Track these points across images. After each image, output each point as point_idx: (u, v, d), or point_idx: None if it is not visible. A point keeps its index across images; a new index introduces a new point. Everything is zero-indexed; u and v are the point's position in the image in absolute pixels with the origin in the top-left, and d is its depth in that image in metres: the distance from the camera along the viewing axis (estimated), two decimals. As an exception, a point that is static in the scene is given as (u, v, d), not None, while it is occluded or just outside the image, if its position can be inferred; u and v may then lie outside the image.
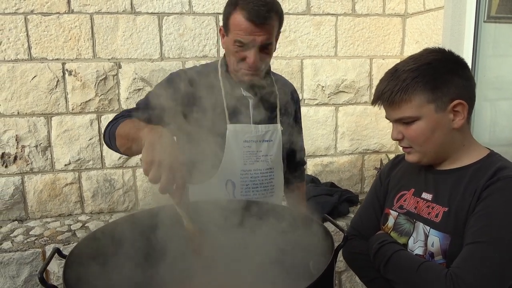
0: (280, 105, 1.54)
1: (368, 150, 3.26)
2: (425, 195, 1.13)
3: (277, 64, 2.94)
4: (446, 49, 1.10)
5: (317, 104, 3.10)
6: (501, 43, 2.67)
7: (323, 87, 3.08)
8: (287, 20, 2.93)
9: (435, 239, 1.05)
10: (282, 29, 1.46)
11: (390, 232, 1.19)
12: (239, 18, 1.30)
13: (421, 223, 1.10)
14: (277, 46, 1.39)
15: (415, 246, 1.11)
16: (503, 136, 2.74)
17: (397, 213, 1.19)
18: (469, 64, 2.63)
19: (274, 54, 1.46)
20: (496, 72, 2.66)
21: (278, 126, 1.52)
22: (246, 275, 1.15)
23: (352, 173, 3.27)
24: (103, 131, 1.35)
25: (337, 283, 2.64)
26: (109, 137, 1.26)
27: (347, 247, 1.27)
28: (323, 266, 0.87)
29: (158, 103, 1.35)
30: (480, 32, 2.61)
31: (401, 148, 1.15)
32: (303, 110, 3.03)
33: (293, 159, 1.68)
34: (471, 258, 0.94)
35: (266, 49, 1.36)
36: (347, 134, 3.19)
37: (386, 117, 1.13)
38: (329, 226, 1.15)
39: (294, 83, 1.76)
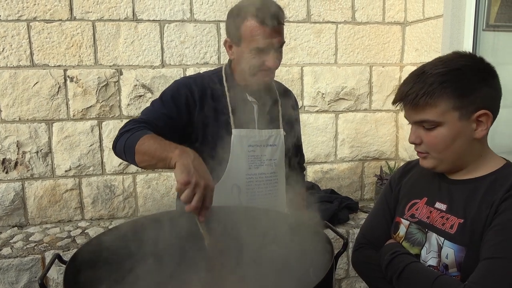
0: (282, 110, 1.56)
1: (368, 157, 3.27)
2: (439, 205, 1.09)
3: (277, 71, 2.92)
4: (478, 55, 1.06)
5: (317, 111, 3.11)
6: (500, 51, 2.68)
7: (323, 94, 3.09)
8: (287, 28, 2.95)
9: (450, 251, 1.02)
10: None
11: (402, 241, 1.15)
12: (252, 25, 1.33)
13: (434, 234, 1.07)
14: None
15: (428, 257, 1.07)
16: (503, 144, 2.75)
17: (409, 222, 1.15)
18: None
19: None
20: (495, 80, 2.67)
21: (281, 131, 1.54)
22: (247, 282, 1.15)
23: (352, 180, 3.27)
24: (114, 141, 1.33)
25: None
26: (125, 150, 1.25)
27: (357, 256, 1.25)
28: (323, 273, 0.87)
29: (166, 113, 1.36)
30: (479, 40, 2.63)
31: (416, 152, 1.11)
32: (303, 117, 3.05)
33: (293, 164, 1.69)
34: (489, 274, 0.91)
35: (281, 48, 1.40)
36: (347, 141, 3.20)
37: (405, 117, 1.09)
38: (329, 233, 1.16)
39: (294, 90, 1.78)
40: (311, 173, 3.19)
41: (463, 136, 1.01)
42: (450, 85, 0.98)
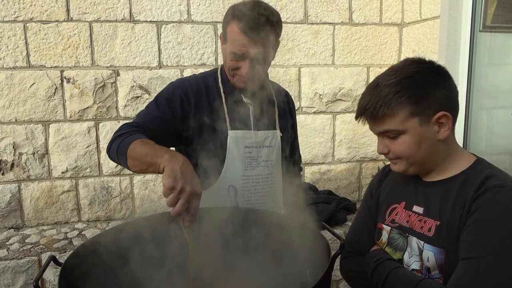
0: (278, 111, 1.56)
1: (365, 158, 3.27)
2: (416, 208, 1.11)
3: (275, 73, 2.96)
4: (427, 59, 1.09)
5: (314, 112, 3.11)
6: (497, 52, 2.69)
7: (320, 95, 3.09)
8: (285, 29, 2.94)
9: (430, 254, 1.04)
10: (279, 38, 1.47)
11: (385, 247, 1.17)
12: (234, 29, 1.32)
13: (414, 238, 1.09)
14: (275, 55, 1.42)
15: (411, 261, 1.09)
16: (499, 145, 2.76)
17: (390, 228, 1.17)
18: (465, 73, 2.65)
19: (272, 62, 1.48)
20: (492, 81, 2.68)
21: (278, 132, 1.54)
22: (244, 283, 1.15)
23: (349, 181, 3.27)
24: (108, 145, 1.34)
25: (335, 291, 2.63)
26: (118, 154, 1.26)
27: (344, 265, 1.26)
28: (320, 274, 0.87)
29: (161, 116, 1.36)
30: (475, 41, 2.64)
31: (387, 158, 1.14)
32: (301, 118, 3.05)
33: (290, 165, 1.69)
34: (467, 274, 0.93)
35: (261, 61, 1.36)
36: (345, 142, 3.20)
37: (370, 129, 1.12)
38: (326, 234, 1.15)
39: (291, 91, 1.78)
40: (309, 174, 3.19)
41: (427, 139, 1.04)
42: (404, 94, 1.01)
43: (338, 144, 3.19)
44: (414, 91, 1.01)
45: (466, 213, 0.98)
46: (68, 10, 2.63)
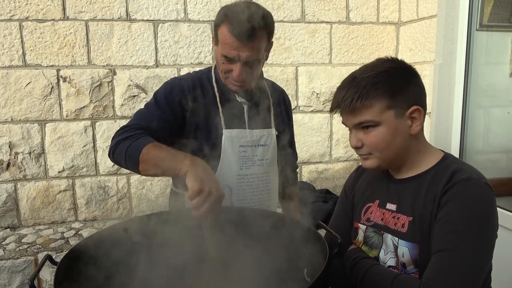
0: (274, 110, 1.55)
1: (363, 157, 3.27)
2: (390, 206, 1.13)
3: (272, 72, 2.96)
4: (399, 58, 1.13)
5: (311, 111, 3.11)
6: (494, 51, 2.70)
7: (317, 94, 3.09)
8: (282, 28, 2.94)
9: (405, 250, 1.06)
10: (277, 37, 1.47)
11: (361, 246, 1.19)
12: (225, 32, 1.30)
13: (389, 235, 1.10)
14: (272, 54, 1.40)
15: (387, 258, 1.11)
16: (496, 143, 2.76)
17: (365, 226, 1.18)
18: (462, 72, 2.66)
19: (270, 61, 1.47)
20: (489, 79, 2.69)
21: (273, 130, 1.53)
22: (240, 282, 1.15)
23: (347, 180, 3.27)
24: (111, 148, 1.31)
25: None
26: (126, 158, 1.23)
27: None
28: (317, 273, 0.87)
29: (161, 116, 1.35)
30: (472, 40, 2.64)
31: (358, 154, 1.15)
32: (298, 117, 3.05)
33: (286, 163, 1.69)
34: (441, 267, 0.95)
35: (253, 63, 1.35)
36: (342, 141, 3.20)
37: (343, 123, 1.13)
38: (323, 233, 1.15)
39: (288, 90, 1.78)
40: (306, 173, 3.19)
41: (401, 133, 1.06)
42: (381, 86, 1.03)
43: (335, 143, 3.19)
44: (391, 84, 1.04)
45: (436, 207, 1.01)
46: (64, 9, 2.62)
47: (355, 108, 1.04)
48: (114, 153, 1.30)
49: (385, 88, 1.03)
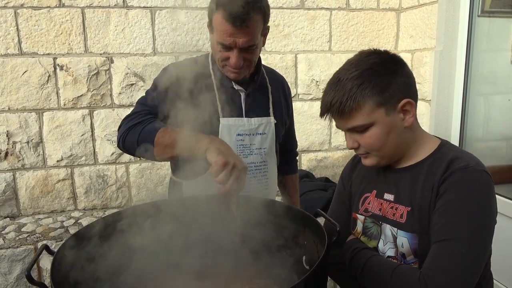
0: (272, 97, 1.53)
1: (362, 145, 3.26)
2: (387, 196, 1.12)
3: (271, 59, 2.93)
4: (382, 49, 1.09)
5: (311, 99, 3.09)
6: (495, 38, 2.67)
7: (317, 81, 3.06)
8: (281, 15, 2.90)
9: (404, 240, 1.05)
10: (276, 24, 1.44)
11: (360, 236, 1.18)
12: (219, 18, 1.27)
13: (387, 225, 1.10)
14: (271, 41, 1.37)
15: (386, 248, 1.10)
16: (496, 131, 2.75)
17: (364, 217, 1.18)
18: (463, 59, 2.63)
19: (268, 48, 1.45)
20: (490, 66, 2.66)
21: (272, 119, 1.51)
22: (239, 270, 1.15)
23: (346, 168, 3.26)
24: (120, 136, 1.31)
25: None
26: (139, 143, 1.24)
27: None
28: (315, 261, 0.86)
29: (163, 101, 1.34)
30: (474, 26, 2.61)
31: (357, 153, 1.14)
32: (298, 105, 3.03)
33: (285, 151, 1.67)
34: (441, 257, 0.95)
35: (250, 49, 1.33)
36: (342, 129, 3.18)
37: (337, 127, 1.11)
38: (322, 221, 1.15)
39: (288, 78, 1.75)
40: (306, 161, 3.18)
41: (395, 128, 1.05)
42: (367, 85, 1.01)
43: (334, 131, 3.18)
44: (377, 81, 1.01)
45: (435, 196, 1.00)
46: (59, -4, 2.58)
47: (345, 113, 1.03)
48: (124, 141, 1.30)
49: (371, 86, 1.01)
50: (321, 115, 1.10)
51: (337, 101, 1.02)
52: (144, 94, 1.46)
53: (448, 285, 0.92)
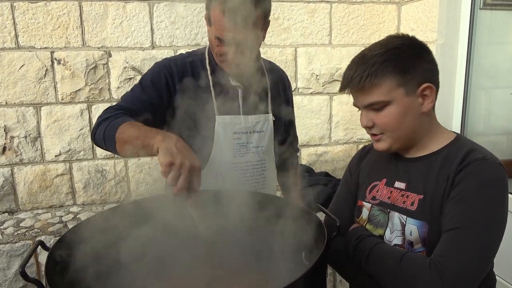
0: (271, 93, 1.50)
1: (362, 139, 3.24)
2: (398, 184, 1.12)
3: (271, 53, 2.90)
4: (410, 35, 1.09)
5: (311, 93, 3.07)
6: (497, 31, 2.64)
7: (317, 76, 3.04)
8: (281, 8, 2.87)
9: (413, 228, 1.04)
10: (275, 17, 1.42)
11: (365, 224, 1.17)
12: (217, 12, 1.23)
13: (396, 213, 1.09)
14: (270, 34, 1.34)
15: (392, 237, 1.09)
16: (498, 125, 2.74)
17: (371, 205, 1.17)
18: (465, 52, 2.61)
19: (268, 42, 1.42)
20: (491, 60, 2.64)
21: (270, 116, 1.47)
22: (238, 266, 1.13)
23: (346, 163, 3.22)
24: (92, 130, 1.27)
25: (331, 272, 2.64)
26: (104, 139, 1.20)
27: None
28: (315, 257, 0.85)
29: (147, 99, 1.31)
30: (476, 19, 2.58)
31: (370, 136, 1.13)
32: (297, 99, 3.01)
33: (286, 147, 1.65)
34: (453, 244, 0.94)
35: (249, 44, 1.29)
36: (342, 124, 3.17)
37: (354, 105, 1.11)
38: (322, 216, 1.13)
39: (287, 72, 1.72)
40: (305, 156, 3.17)
41: (412, 111, 1.04)
42: (391, 63, 1.01)
43: (335, 126, 3.16)
44: (401, 61, 1.02)
45: (450, 185, 1.00)
46: (56, -11, 2.55)
47: (364, 87, 1.03)
48: (95, 134, 1.26)
49: (394, 65, 1.01)
50: (341, 89, 1.10)
51: (358, 75, 1.02)
52: (130, 89, 1.41)
53: (460, 272, 0.91)
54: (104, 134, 1.20)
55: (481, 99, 2.70)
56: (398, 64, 1.01)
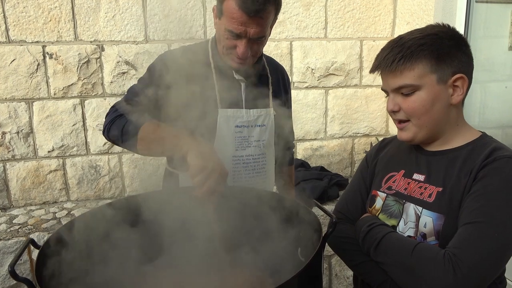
0: (272, 88, 1.50)
1: (358, 133, 3.24)
2: (417, 176, 1.11)
3: (266, 47, 2.85)
4: (451, 26, 1.08)
5: (306, 87, 3.05)
6: (492, 24, 2.63)
7: (312, 69, 3.02)
8: (275, 1, 2.84)
9: (428, 220, 1.03)
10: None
11: (378, 214, 1.16)
12: (232, 5, 1.22)
13: (411, 204, 1.08)
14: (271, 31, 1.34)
15: (406, 228, 1.08)
16: (493, 119, 2.74)
17: (386, 195, 1.16)
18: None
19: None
20: (487, 53, 2.63)
21: (271, 110, 1.48)
22: (234, 262, 1.12)
23: (342, 157, 3.24)
24: (106, 125, 1.28)
25: (327, 266, 2.64)
26: (123, 136, 1.21)
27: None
28: (311, 253, 0.84)
29: (154, 92, 1.30)
30: (471, 12, 2.57)
31: (396, 123, 1.11)
32: (293, 93, 2.97)
33: (282, 142, 1.64)
34: (470, 238, 0.93)
35: (259, 40, 1.30)
36: (337, 118, 3.16)
37: (383, 88, 1.09)
38: (317, 211, 1.12)
39: (283, 66, 1.71)
40: (301, 150, 3.16)
41: (441, 100, 1.03)
42: (427, 48, 1.00)
43: (330, 120, 3.15)
44: (438, 47, 1.00)
45: (472, 180, 0.98)
46: (47, -19, 2.50)
47: (396, 69, 1.01)
48: (109, 131, 1.27)
49: (430, 50, 1.00)
50: (372, 70, 1.08)
51: (392, 56, 1.01)
52: (136, 82, 1.41)
53: (474, 265, 0.90)
54: (122, 131, 1.21)
55: (476, 92, 2.70)
56: (435, 50, 1.00)
